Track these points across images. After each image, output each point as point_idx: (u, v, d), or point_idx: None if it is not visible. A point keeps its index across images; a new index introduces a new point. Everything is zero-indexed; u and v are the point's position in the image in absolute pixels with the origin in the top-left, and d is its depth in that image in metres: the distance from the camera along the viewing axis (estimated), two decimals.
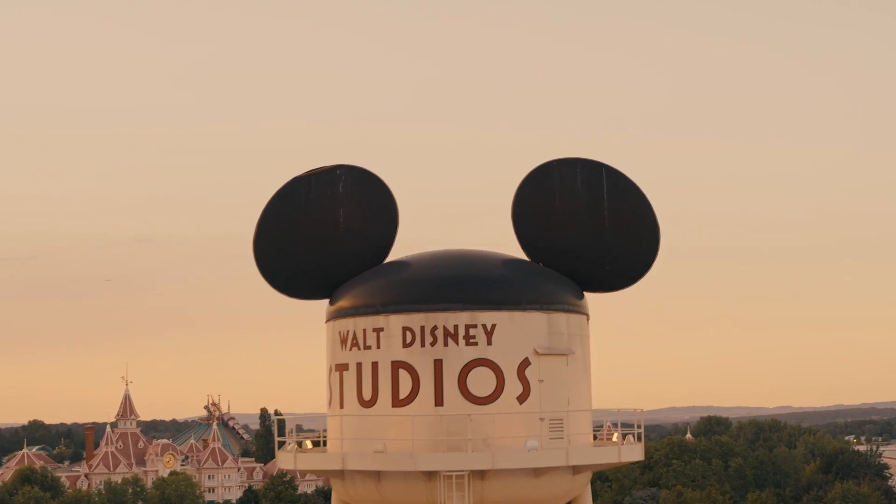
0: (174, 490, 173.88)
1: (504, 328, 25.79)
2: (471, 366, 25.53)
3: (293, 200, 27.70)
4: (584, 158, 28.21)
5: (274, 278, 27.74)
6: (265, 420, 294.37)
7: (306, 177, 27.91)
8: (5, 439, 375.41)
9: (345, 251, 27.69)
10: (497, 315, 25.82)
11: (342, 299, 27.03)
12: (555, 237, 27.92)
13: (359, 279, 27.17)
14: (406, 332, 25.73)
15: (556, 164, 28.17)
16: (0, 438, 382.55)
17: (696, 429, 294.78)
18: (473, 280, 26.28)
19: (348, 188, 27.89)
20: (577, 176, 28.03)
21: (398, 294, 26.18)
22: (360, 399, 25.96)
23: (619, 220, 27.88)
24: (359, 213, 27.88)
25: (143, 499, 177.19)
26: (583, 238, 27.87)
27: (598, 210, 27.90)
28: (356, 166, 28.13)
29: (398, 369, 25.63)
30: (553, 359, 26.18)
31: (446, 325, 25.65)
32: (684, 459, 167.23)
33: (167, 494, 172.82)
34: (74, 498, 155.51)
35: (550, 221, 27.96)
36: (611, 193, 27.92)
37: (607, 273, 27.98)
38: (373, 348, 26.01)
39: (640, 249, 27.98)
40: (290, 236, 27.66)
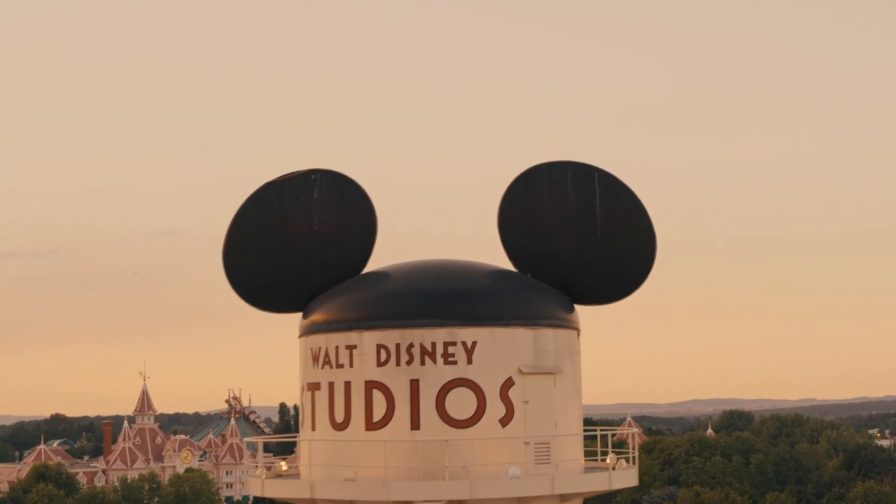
0: (190, 487, 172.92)
1: (485, 346, 23.97)
2: (449, 386, 23.72)
3: (265, 207, 25.95)
4: (574, 161, 26.35)
5: (244, 290, 25.99)
6: (284, 414, 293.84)
7: (279, 182, 26.17)
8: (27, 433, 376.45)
9: (319, 261, 25.91)
10: (478, 331, 23.99)
11: (315, 313, 25.28)
12: (543, 246, 26.06)
13: (332, 292, 25.39)
14: (380, 349, 23.95)
15: (544, 168, 26.31)
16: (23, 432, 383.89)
17: (717, 423, 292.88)
18: (453, 294, 24.42)
19: (324, 194, 26.10)
20: (568, 180, 26.17)
21: (372, 309, 24.37)
22: (333, 421, 24.22)
23: (612, 227, 26.01)
24: (335, 221, 26.10)
25: (160, 495, 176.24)
26: (573, 247, 26.02)
27: (590, 217, 26.04)
28: (332, 171, 26.35)
29: (372, 390, 23.86)
30: (539, 378, 24.35)
31: (423, 342, 23.83)
32: (704, 456, 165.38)
33: (182, 491, 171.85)
34: (89, 495, 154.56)
35: (538, 229, 26.11)
36: (604, 199, 26.05)
37: (600, 284, 26.10)
38: (345, 367, 24.24)
39: (635, 259, 26.10)
40: (261, 245, 25.90)
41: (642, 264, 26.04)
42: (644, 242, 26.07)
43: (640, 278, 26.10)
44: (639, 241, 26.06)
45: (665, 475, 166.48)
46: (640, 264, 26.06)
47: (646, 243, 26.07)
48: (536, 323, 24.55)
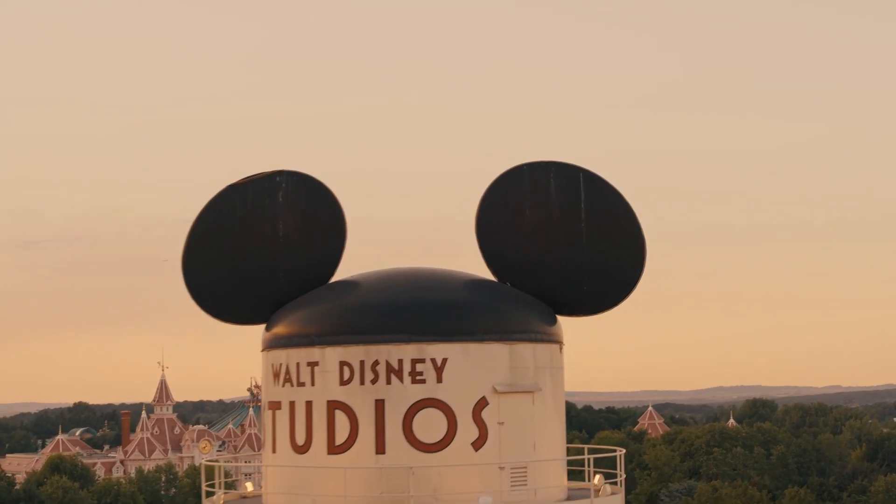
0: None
1: (457, 363, 22.10)
2: (417, 407, 21.89)
3: (226, 212, 24.19)
4: (558, 161, 24.46)
5: (205, 300, 24.22)
6: None
7: (241, 184, 24.40)
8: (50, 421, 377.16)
9: (284, 270, 24.11)
10: (448, 348, 22.14)
11: (276, 326, 23.50)
12: (524, 253, 24.19)
13: (295, 304, 23.58)
14: (343, 367, 22.13)
15: (525, 169, 24.43)
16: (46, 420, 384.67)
17: (740, 412, 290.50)
18: (421, 306, 22.54)
19: (289, 197, 24.29)
20: (551, 182, 24.28)
21: (335, 323, 22.54)
22: (293, 444, 22.45)
23: (598, 232, 24.11)
24: (301, 226, 24.28)
25: (176, 486, 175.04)
26: (556, 253, 24.12)
27: (575, 221, 24.16)
28: (298, 172, 24.53)
29: (334, 410, 22.07)
30: (516, 397, 22.49)
31: (389, 359, 21.99)
32: (725, 447, 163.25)
33: (199, 483, 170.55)
34: (104, 487, 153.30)
35: (519, 235, 24.23)
36: (589, 202, 24.15)
37: (585, 294, 24.22)
38: (307, 385, 22.46)
39: (622, 266, 24.20)
40: (222, 253, 24.12)
41: (631, 272, 24.12)
42: (632, 248, 24.16)
43: (629, 287, 24.18)
44: (627, 246, 24.16)
45: (685, 467, 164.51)
46: (629, 272, 24.14)
47: (634, 249, 24.15)
48: (513, 337, 22.67)
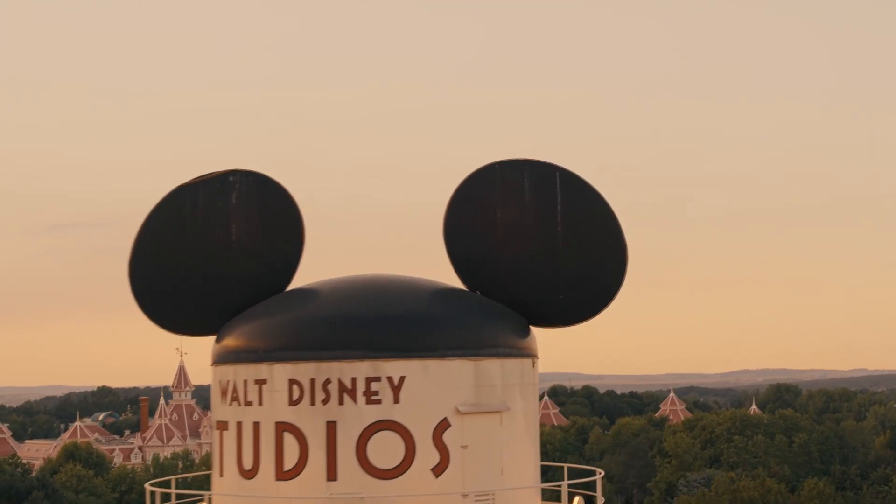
0: None
1: (416, 381, 20.11)
2: (373, 429, 19.91)
3: (176, 214, 22.34)
4: (533, 160, 22.45)
5: (152, 310, 22.37)
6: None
7: (192, 185, 22.55)
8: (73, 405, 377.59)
9: (237, 277, 22.23)
10: (406, 365, 20.13)
11: (226, 339, 21.64)
12: (495, 259, 22.19)
13: (246, 315, 21.66)
14: (293, 385, 20.23)
15: (497, 168, 22.44)
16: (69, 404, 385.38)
17: (764, 397, 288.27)
18: (377, 319, 20.50)
19: (243, 199, 22.39)
20: (525, 181, 22.26)
21: (284, 337, 20.61)
22: (241, 468, 20.61)
23: (576, 236, 22.08)
24: (255, 230, 22.37)
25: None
26: (530, 259, 22.11)
27: (551, 224, 22.13)
28: (253, 171, 22.61)
29: (283, 433, 20.19)
30: (481, 418, 20.50)
31: (342, 377, 20.03)
32: (746, 435, 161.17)
33: None
34: (119, 475, 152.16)
35: (490, 239, 22.21)
36: (566, 203, 22.13)
37: (561, 303, 22.21)
38: (254, 405, 20.57)
39: (602, 273, 22.19)
40: (172, 258, 22.27)
41: (611, 279, 22.11)
42: (613, 253, 22.14)
43: (609, 295, 22.16)
44: (607, 251, 22.13)
45: (706, 454, 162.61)
46: (609, 279, 22.13)
47: (615, 254, 22.13)
48: (479, 353, 20.65)
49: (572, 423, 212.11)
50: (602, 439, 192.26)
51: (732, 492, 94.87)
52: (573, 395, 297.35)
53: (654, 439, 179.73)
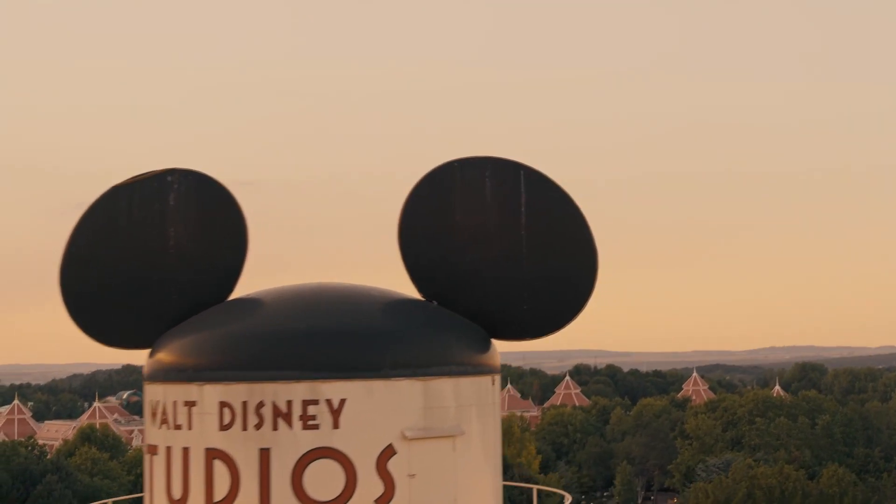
0: None
1: (357, 404, 18.14)
2: (310, 457, 17.98)
3: (111, 217, 20.51)
4: (495, 157, 20.47)
5: (85, 320, 20.55)
6: None
7: (128, 185, 20.71)
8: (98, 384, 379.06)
9: (175, 285, 20.37)
10: (347, 386, 18.15)
11: (158, 354, 19.82)
12: (454, 265, 20.20)
13: (180, 329, 19.78)
14: (224, 409, 18.33)
15: (456, 166, 20.45)
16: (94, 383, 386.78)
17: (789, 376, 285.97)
18: (316, 335, 18.48)
19: (182, 200, 20.49)
20: (486, 181, 20.25)
21: (215, 355, 18.68)
22: (170, 497, 18.79)
23: (542, 240, 20.09)
24: (195, 235, 20.47)
25: None
26: (492, 266, 20.10)
27: (514, 228, 20.10)
28: (193, 171, 20.70)
29: (213, 460, 18.35)
30: (431, 444, 18.53)
31: (276, 400, 18.10)
32: (769, 417, 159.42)
33: None
34: (135, 458, 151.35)
35: (448, 243, 20.20)
36: (531, 205, 20.11)
37: (525, 313, 20.22)
38: (184, 429, 18.72)
39: (570, 281, 20.22)
40: (106, 265, 20.45)
41: (580, 287, 20.13)
42: (582, 259, 20.15)
43: (577, 305, 20.16)
44: (575, 257, 20.13)
45: (727, 436, 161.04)
46: (578, 287, 20.14)
47: (584, 260, 20.14)
48: (428, 371, 18.63)
49: (594, 403, 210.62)
50: (623, 420, 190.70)
51: (750, 478, 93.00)
52: (596, 374, 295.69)
53: (675, 420, 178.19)
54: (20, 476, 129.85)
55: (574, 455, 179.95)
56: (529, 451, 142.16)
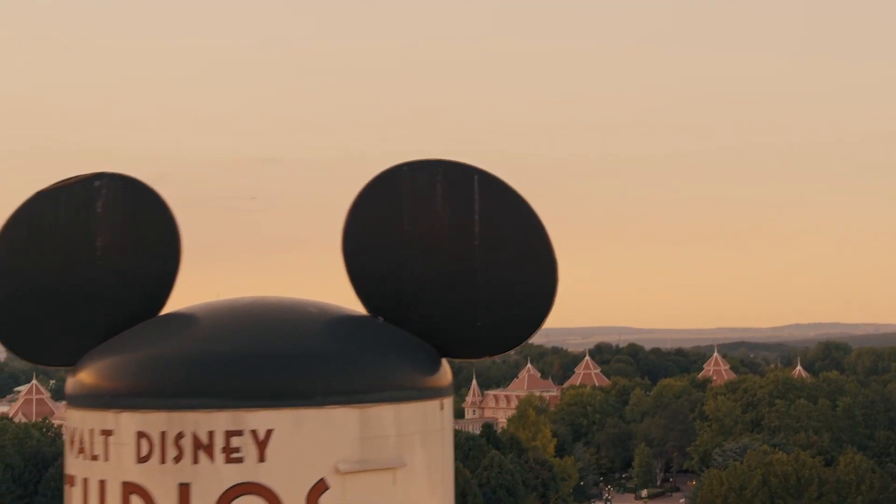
0: None
1: (286, 436, 16.41)
2: (233, 493, 16.25)
3: (34, 226, 18.97)
4: (447, 160, 18.70)
5: (5, 334, 19.00)
6: None
7: (52, 191, 19.16)
8: None
9: (102, 299, 18.79)
10: (274, 415, 16.40)
11: (77, 376, 18.23)
12: (402, 277, 18.48)
13: (101, 349, 18.16)
14: (141, 439, 16.67)
15: (405, 170, 18.70)
16: None
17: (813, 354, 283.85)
18: (240, 359, 16.68)
19: (110, 207, 18.86)
20: (437, 186, 18.49)
21: (133, 379, 16.96)
22: None
23: (497, 251, 18.35)
24: (124, 243, 18.87)
25: None
26: (443, 278, 18.41)
27: (467, 237, 18.34)
28: (122, 175, 19.04)
29: (130, 495, 16.73)
30: (368, 477, 16.76)
31: (197, 431, 16.37)
32: (789, 398, 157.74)
33: None
34: None
35: (396, 254, 18.46)
36: (485, 212, 18.35)
37: (479, 330, 18.47)
38: (100, 459, 17.07)
39: (528, 293, 18.47)
40: (29, 276, 18.91)
41: (538, 302, 18.37)
42: (540, 271, 18.41)
43: (536, 321, 18.35)
44: (533, 269, 18.39)
45: (747, 418, 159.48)
46: (536, 301, 18.40)
47: (543, 272, 18.39)
48: (366, 398, 16.81)
49: (613, 383, 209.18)
50: (643, 401, 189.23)
51: (765, 465, 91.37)
52: (618, 353, 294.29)
53: (695, 401, 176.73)
54: (32, 459, 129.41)
55: (593, 436, 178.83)
56: (545, 435, 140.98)
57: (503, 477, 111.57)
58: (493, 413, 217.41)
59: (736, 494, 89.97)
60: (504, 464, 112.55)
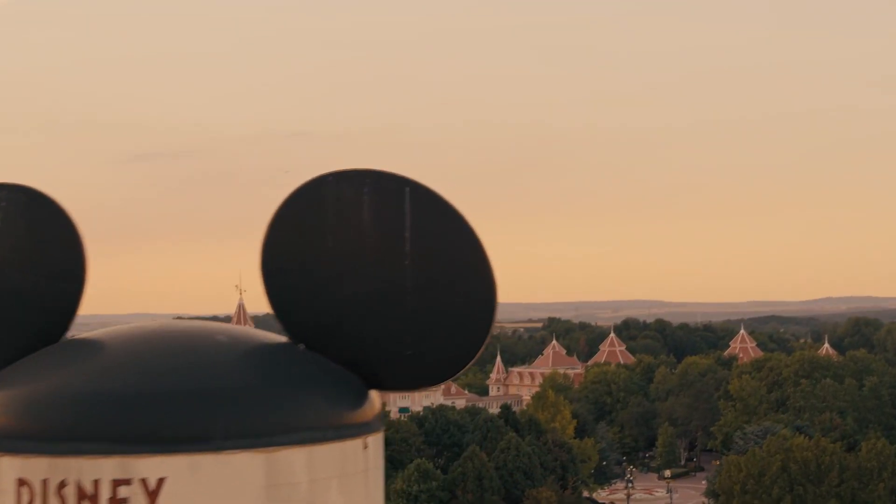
0: None
1: (180, 484, 14.68)
2: None
3: None
4: (376, 170, 16.89)
5: None
6: None
7: None
8: None
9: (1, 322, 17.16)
10: (167, 462, 14.66)
11: None
12: (326, 301, 16.71)
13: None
14: (22, 487, 15.08)
15: (330, 181, 16.90)
16: None
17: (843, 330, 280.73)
18: (129, 398, 14.93)
19: (9, 221, 17.20)
20: (364, 199, 16.68)
21: (16, 420, 15.29)
22: None
23: (429, 270, 16.59)
24: (23, 261, 17.23)
25: None
26: (371, 300, 16.62)
27: (397, 256, 16.58)
28: (23, 186, 17.37)
29: None
30: None
31: (81, 479, 14.70)
32: (815, 378, 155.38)
33: None
34: None
35: (319, 274, 16.73)
36: (417, 228, 16.54)
37: (409, 360, 16.70)
38: None
39: (462, 320, 16.67)
40: None
41: (474, 328, 16.57)
42: (478, 294, 16.63)
43: (472, 350, 16.62)
44: (470, 291, 16.64)
45: (772, 398, 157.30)
46: (472, 328, 16.59)
47: (480, 295, 16.60)
48: (274, 440, 15.03)
49: (638, 361, 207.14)
50: (668, 378, 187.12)
51: (785, 451, 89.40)
52: (645, 329, 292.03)
53: (720, 379, 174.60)
54: None
55: (616, 415, 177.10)
56: (564, 416, 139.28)
57: (520, 460, 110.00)
58: (517, 390, 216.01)
59: (755, 481, 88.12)
60: (521, 446, 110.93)
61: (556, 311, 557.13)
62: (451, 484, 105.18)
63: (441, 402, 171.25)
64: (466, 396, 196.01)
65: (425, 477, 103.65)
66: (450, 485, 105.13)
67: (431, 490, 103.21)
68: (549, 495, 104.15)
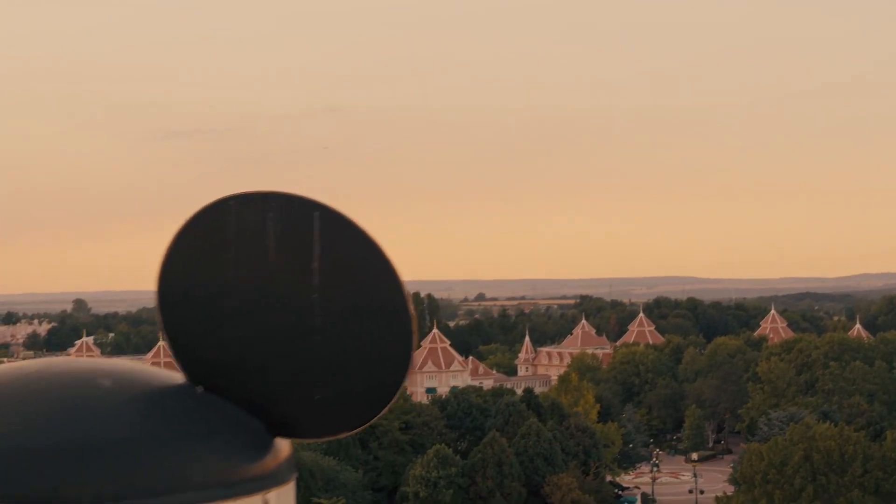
0: None
1: None
2: None
3: None
4: (282, 193, 15.21)
5: None
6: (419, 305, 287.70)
7: None
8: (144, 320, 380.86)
9: None
10: None
11: None
12: (226, 337, 15.04)
13: None
14: None
15: (232, 205, 15.18)
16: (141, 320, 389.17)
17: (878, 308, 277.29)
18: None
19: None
20: (269, 226, 14.87)
21: None
22: None
23: (340, 304, 14.86)
24: None
25: None
26: (276, 338, 14.96)
27: (304, 286, 14.88)
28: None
29: None
30: None
31: None
32: (844, 360, 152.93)
33: None
34: None
35: (219, 308, 15.00)
36: (327, 257, 14.79)
37: (318, 404, 14.96)
38: None
39: (378, 360, 14.96)
40: None
41: (391, 368, 14.93)
42: (393, 331, 14.93)
43: (387, 394, 14.94)
44: (384, 329, 14.94)
45: (801, 380, 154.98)
46: (388, 368, 14.92)
47: (396, 332, 14.89)
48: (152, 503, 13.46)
49: (667, 341, 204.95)
50: (696, 359, 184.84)
51: (808, 440, 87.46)
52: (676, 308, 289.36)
53: (749, 361, 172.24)
54: None
55: (644, 396, 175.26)
56: (587, 400, 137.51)
57: (541, 445, 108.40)
58: (545, 370, 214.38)
59: (777, 470, 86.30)
60: (542, 431, 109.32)
61: (590, 288, 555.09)
62: (470, 470, 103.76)
63: (469, 383, 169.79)
64: (494, 376, 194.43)
65: (444, 463, 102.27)
66: (469, 471, 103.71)
67: (451, 476, 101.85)
68: (570, 481, 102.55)
